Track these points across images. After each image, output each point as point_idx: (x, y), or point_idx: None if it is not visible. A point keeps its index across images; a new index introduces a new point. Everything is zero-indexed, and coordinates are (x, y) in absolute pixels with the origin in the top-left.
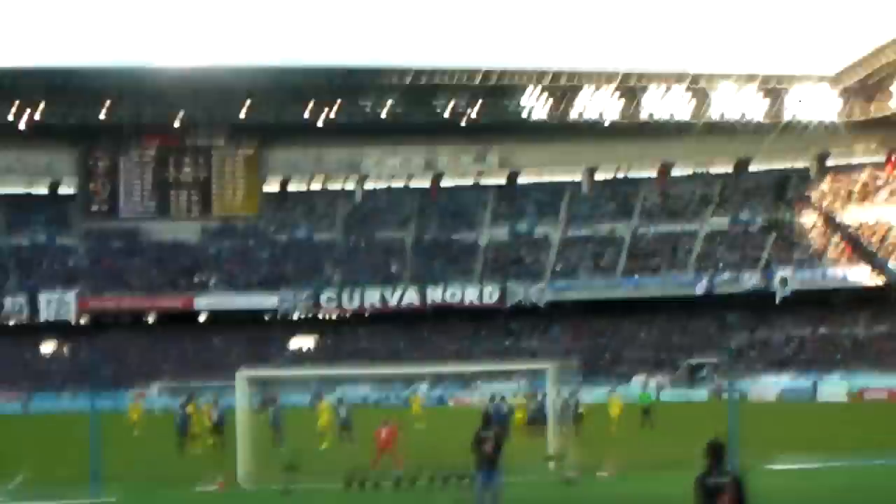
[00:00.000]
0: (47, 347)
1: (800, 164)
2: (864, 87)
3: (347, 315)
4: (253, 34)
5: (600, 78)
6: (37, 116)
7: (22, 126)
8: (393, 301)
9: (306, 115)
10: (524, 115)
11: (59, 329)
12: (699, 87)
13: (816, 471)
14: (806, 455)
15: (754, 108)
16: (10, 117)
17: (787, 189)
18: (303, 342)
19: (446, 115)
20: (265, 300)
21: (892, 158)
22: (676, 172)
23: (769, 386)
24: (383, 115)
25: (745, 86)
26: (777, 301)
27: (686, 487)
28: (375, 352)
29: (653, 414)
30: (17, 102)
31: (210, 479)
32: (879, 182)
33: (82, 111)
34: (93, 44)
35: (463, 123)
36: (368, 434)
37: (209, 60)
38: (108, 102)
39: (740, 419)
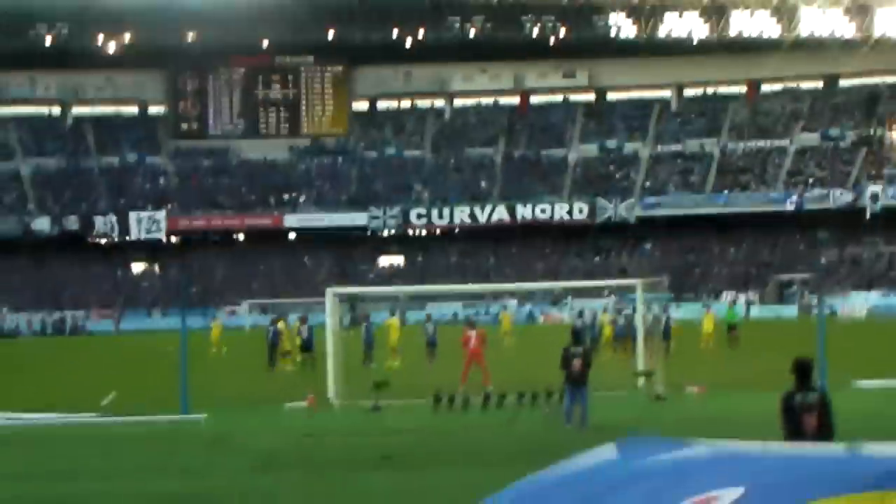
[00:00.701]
0: (138, 266)
1: (890, 80)
2: None
3: (436, 232)
4: None
5: None
6: (124, 42)
7: (110, 51)
8: (482, 218)
9: (394, 35)
10: (612, 33)
11: (149, 248)
12: (787, 4)
13: None
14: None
15: (843, 24)
16: (98, 43)
17: (877, 105)
18: (392, 260)
19: (535, 32)
20: (354, 218)
21: None
22: (765, 89)
23: (859, 303)
24: (472, 33)
25: (833, 4)
26: (867, 217)
27: (774, 405)
28: (465, 269)
29: (739, 331)
30: (103, 30)
31: (300, 397)
32: None
33: (169, 36)
34: None
35: (551, 43)
36: (457, 346)
37: None
38: (195, 27)
39: (829, 337)
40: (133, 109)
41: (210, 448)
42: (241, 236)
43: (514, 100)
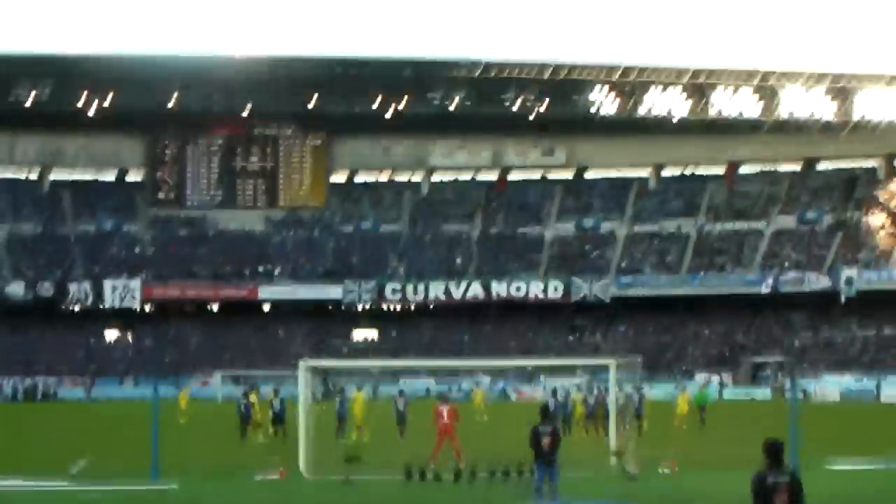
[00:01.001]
0: (111, 334)
1: (869, 164)
2: None
3: (412, 307)
4: (323, 25)
5: (669, 75)
6: (105, 104)
7: (91, 113)
8: (458, 294)
9: (375, 106)
10: (592, 110)
11: (123, 316)
12: (768, 85)
13: (877, 472)
14: (868, 456)
15: (823, 107)
16: (80, 105)
17: (855, 189)
18: (366, 334)
19: (515, 109)
20: (329, 291)
21: None
22: (744, 170)
23: (832, 386)
24: (451, 108)
25: (815, 85)
26: (842, 301)
27: (746, 485)
28: (439, 345)
29: (707, 413)
30: (85, 90)
31: (271, 469)
32: None
33: (151, 99)
34: (161, 32)
35: (531, 118)
36: (428, 420)
37: (278, 50)
38: (176, 91)
39: (802, 419)
40: (111, 175)
41: None
42: (215, 307)
43: (493, 176)
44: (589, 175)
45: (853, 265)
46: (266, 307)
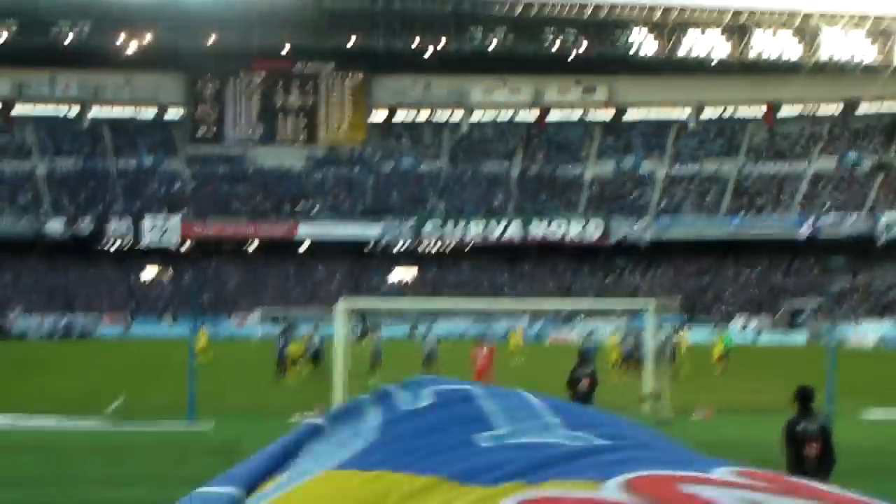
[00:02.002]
0: (150, 272)
1: None
2: None
3: (449, 247)
4: None
5: (709, 15)
6: (144, 42)
7: (129, 52)
8: (495, 234)
9: (414, 45)
10: (632, 51)
11: (161, 254)
12: (809, 27)
13: None
14: None
15: (865, 48)
16: (118, 43)
17: None
18: (404, 274)
19: (554, 48)
20: (368, 230)
21: None
22: (784, 113)
23: (869, 332)
24: (491, 48)
25: (855, 27)
26: (880, 245)
27: (778, 432)
28: (476, 285)
29: (730, 360)
30: (124, 29)
31: (308, 408)
32: None
33: (189, 38)
34: None
35: (571, 58)
36: (464, 361)
37: None
38: (215, 29)
39: (838, 366)
40: (151, 112)
41: (216, 457)
42: (254, 245)
43: (533, 114)
44: (629, 115)
45: (893, 209)
46: (305, 245)
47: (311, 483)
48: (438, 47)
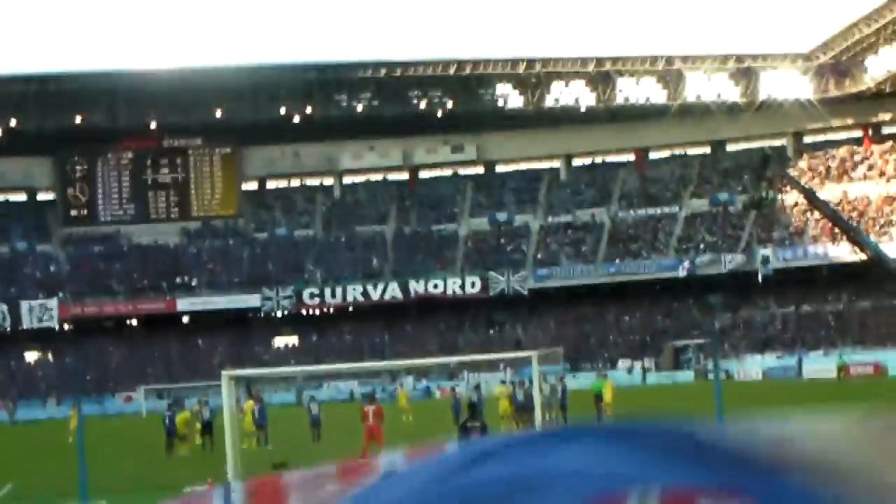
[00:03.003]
0: (31, 355)
1: (777, 143)
2: (838, 63)
3: (330, 311)
4: (225, 35)
5: (574, 65)
6: (11, 125)
7: None
8: (375, 295)
9: (282, 112)
10: (499, 104)
11: (42, 337)
12: (673, 69)
13: None
14: None
15: (729, 88)
16: None
17: (766, 168)
18: (287, 340)
19: (422, 107)
20: (248, 300)
21: (869, 134)
22: (654, 156)
23: (754, 365)
24: (359, 110)
25: (719, 67)
26: (759, 280)
27: None
28: (359, 347)
29: (603, 402)
30: None
31: (199, 481)
32: (857, 158)
33: (57, 118)
34: (64, 50)
35: (439, 115)
36: (348, 423)
37: (182, 62)
38: (82, 108)
39: (726, 399)
40: (21, 196)
41: None
42: (134, 322)
43: (404, 175)
44: (500, 169)
45: (768, 244)
46: (185, 319)
47: None
48: (306, 113)
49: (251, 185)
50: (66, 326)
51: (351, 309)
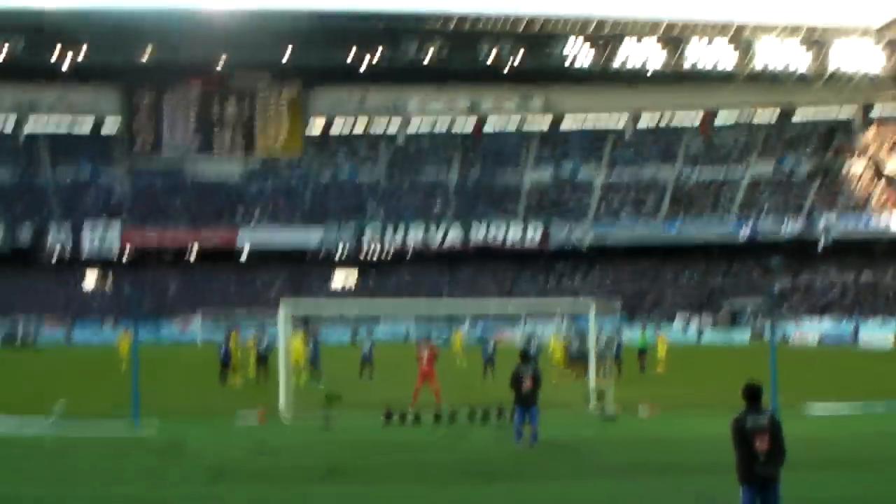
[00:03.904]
0: (90, 281)
1: (844, 114)
2: None
3: (390, 254)
4: None
5: (644, 27)
6: (80, 57)
7: (65, 66)
8: (436, 240)
9: (349, 59)
10: (568, 62)
11: (101, 263)
12: (743, 37)
13: (853, 417)
14: (845, 400)
15: (799, 57)
16: (54, 58)
17: (833, 137)
18: (344, 280)
19: (489, 61)
20: (308, 237)
21: None
22: (720, 121)
23: (811, 330)
24: (427, 59)
25: (789, 37)
26: (819, 249)
27: (725, 428)
28: (417, 290)
29: (647, 357)
30: (59, 43)
31: (251, 412)
32: None
33: (125, 52)
34: None
35: (507, 68)
36: (401, 363)
37: (253, 3)
38: (150, 44)
39: (780, 363)
40: (88, 125)
41: (161, 458)
42: (193, 254)
43: (469, 125)
44: (566, 124)
45: (831, 212)
46: (244, 254)
47: None
48: (374, 59)
49: (316, 128)
50: (125, 254)
51: (410, 253)
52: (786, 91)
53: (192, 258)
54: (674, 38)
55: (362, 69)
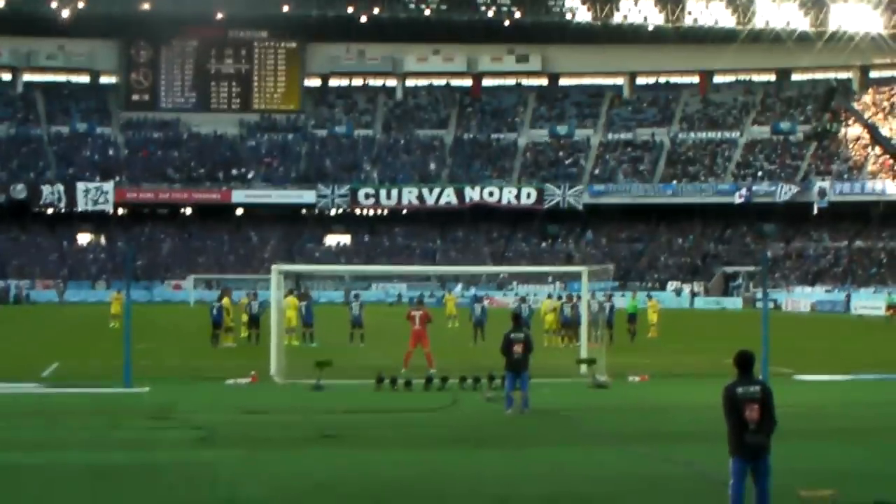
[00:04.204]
0: (84, 237)
1: (843, 76)
2: None
3: (384, 212)
4: None
5: None
6: (79, 7)
7: (64, 17)
8: (430, 199)
9: (349, 11)
10: (567, 17)
11: (95, 219)
12: None
13: (845, 382)
14: (836, 367)
15: (798, 17)
16: (53, 7)
17: (831, 99)
18: (339, 238)
19: (489, 15)
20: (303, 195)
21: None
22: (718, 80)
23: (803, 297)
24: (426, 14)
25: None
26: (815, 212)
27: (716, 395)
28: (411, 250)
29: (638, 323)
30: None
31: (243, 373)
32: None
33: (123, 4)
34: None
35: (506, 24)
36: (392, 325)
37: None
38: None
39: (773, 329)
40: (84, 78)
41: (152, 421)
42: (188, 210)
43: (467, 82)
44: (563, 82)
45: (826, 176)
46: (239, 211)
47: None
48: (372, 15)
49: (314, 82)
50: (120, 210)
51: (405, 212)
52: (785, 51)
53: (187, 216)
54: None
55: (362, 21)
